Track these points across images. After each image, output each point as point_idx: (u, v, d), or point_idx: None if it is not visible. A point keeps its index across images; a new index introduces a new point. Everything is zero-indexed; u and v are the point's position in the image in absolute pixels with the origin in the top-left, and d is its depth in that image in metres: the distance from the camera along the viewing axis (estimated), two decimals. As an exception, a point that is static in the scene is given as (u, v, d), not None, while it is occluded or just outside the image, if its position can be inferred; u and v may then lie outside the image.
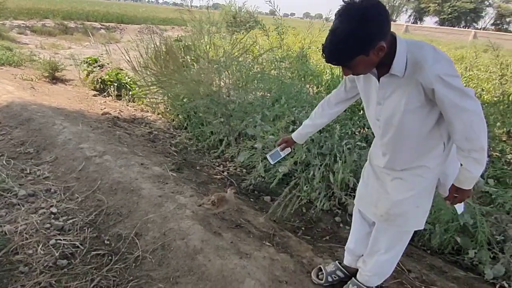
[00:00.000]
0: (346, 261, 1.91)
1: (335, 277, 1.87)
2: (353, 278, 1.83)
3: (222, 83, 3.60)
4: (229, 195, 2.22)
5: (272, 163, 1.88)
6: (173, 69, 3.76)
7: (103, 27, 17.72)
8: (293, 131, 2.96)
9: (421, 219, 1.53)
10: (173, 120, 4.54)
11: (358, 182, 2.73)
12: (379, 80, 1.32)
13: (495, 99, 4.22)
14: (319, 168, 2.67)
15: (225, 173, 3.19)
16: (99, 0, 35.62)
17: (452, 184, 1.37)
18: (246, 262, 1.93)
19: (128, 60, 4.45)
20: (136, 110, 4.97)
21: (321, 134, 2.99)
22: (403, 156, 1.42)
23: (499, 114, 3.34)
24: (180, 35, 7.81)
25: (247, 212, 2.52)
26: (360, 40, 1.14)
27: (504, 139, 3.71)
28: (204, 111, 3.35)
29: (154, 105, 4.72)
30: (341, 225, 2.57)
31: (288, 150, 1.87)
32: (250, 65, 4.14)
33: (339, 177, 2.48)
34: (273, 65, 4.09)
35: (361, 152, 2.73)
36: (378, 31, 1.15)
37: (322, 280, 1.87)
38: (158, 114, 4.80)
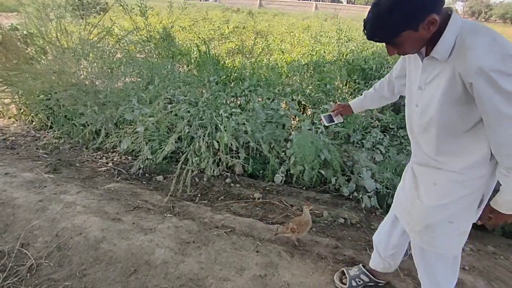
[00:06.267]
0: (372, 263, 1.76)
1: (359, 281, 1.74)
2: None
3: (86, 72, 3.35)
4: (306, 214, 2.00)
5: (326, 124, 1.77)
6: (18, 62, 3.28)
7: None
8: (171, 110, 3.07)
9: (454, 241, 1.25)
10: (32, 121, 3.99)
11: (240, 145, 3.08)
12: (422, 62, 1.15)
13: (334, 58, 5.17)
14: (203, 139, 2.87)
15: (110, 164, 3.08)
16: None
17: (488, 204, 1.17)
18: (152, 236, 2.03)
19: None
20: (-24, 117, 4.13)
21: (198, 108, 3.18)
22: (438, 152, 1.20)
23: (337, 70, 4.15)
24: (14, 23, 6.60)
25: (142, 193, 2.56)
26: (408, 12, 0.97)
27: (346, 90, 4.64)
28: (73, 104, 3.09)
29: (2, 108, 4.02)
30: (232, 184, 2.87)
31: (341, 118, 1.75)
32: (113, 50, 3.94)
33: (222, 143, 2.74)
34: (139, 47, 3.99)
35: (238, 118, 3.05)
36: (428, 1, 0.98)
37: (345, 284, 1.74)
38: (10, 118, 4.12)
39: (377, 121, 3.83)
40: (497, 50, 0.94)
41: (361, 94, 1.74)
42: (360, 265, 1.81)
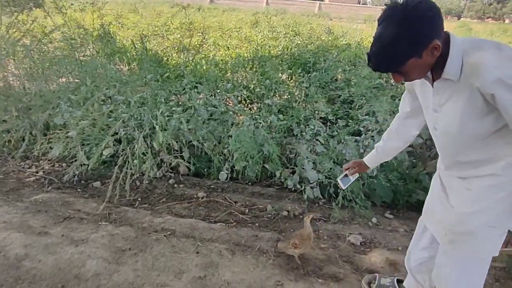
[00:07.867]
0: (406, 283, 1.66)
1: None
2: None
3: (6, 73, 3.05)
4: (307, 226, 1.85)
5: (343, 188, 1.70)
6: None
7: None
8: (108, 111, 2.89)
9: (497, 243, 1.20)
10: None
11: (184, 144, 2.99)
12: (433, 85, 1.16)
13: (279, 52, 5.22)
14: (144, 140, 2.74)
15: (40, 173, 2.84)
16: None
17: None
18: (83, 247, 1.90)
19: None
20: None
21: (140, 108, 3.03)
22: (469, 166, 1.20)
23: (278, 64, 4.17)
24: None
25: (75, 202, 2.39)
26: (410, 42, 1.01)
27: (292, 84, 4.70)
28: (-9, 110, 2.80)
29: None
30: (175, 185, 2.79)
31: (357, 175, 1.67)
32: (41, 49, 3.63)
33: (161, 142, 2.63)
34: (69, 45, 3.72)
35: (180, 116, 2.95)
36: (429, 28, 1.01)
37: None
38: None
39: (321, 113, 3.93)
40: (505, 57, 0.99)
41: (373, 148, 1.64)
42: (395, 278, 1.71)
